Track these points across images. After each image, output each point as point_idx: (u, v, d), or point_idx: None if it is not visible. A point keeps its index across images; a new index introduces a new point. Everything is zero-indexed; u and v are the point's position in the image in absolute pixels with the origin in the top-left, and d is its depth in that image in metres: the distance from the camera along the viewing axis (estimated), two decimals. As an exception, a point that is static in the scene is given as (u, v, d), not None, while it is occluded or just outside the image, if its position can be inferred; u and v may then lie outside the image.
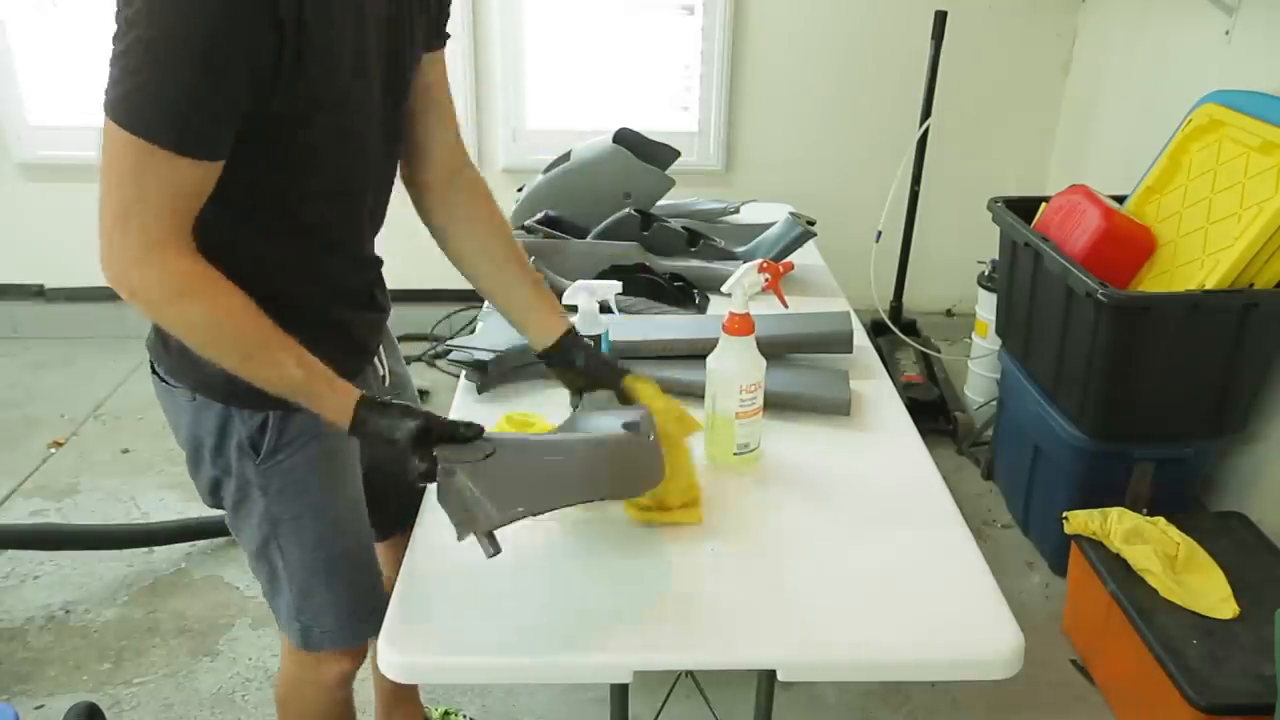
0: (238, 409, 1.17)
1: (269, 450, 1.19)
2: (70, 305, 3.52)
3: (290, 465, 1.20)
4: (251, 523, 1.24)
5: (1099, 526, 1.99)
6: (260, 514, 1.23)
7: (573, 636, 1.03)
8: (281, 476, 1.21)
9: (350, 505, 1.28)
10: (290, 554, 1.25)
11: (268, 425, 1.18)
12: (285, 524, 1.23)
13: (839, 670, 1.08)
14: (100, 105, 0.97)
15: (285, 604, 1.29)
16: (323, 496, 1.24)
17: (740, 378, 1.26)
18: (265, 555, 1.26)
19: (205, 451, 1.21)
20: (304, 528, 1.24)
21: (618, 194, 2.08)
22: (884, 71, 3.30)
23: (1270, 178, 1.99)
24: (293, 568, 1.26)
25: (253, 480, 1.21)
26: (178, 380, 1.20)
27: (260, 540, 1.25)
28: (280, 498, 1.21)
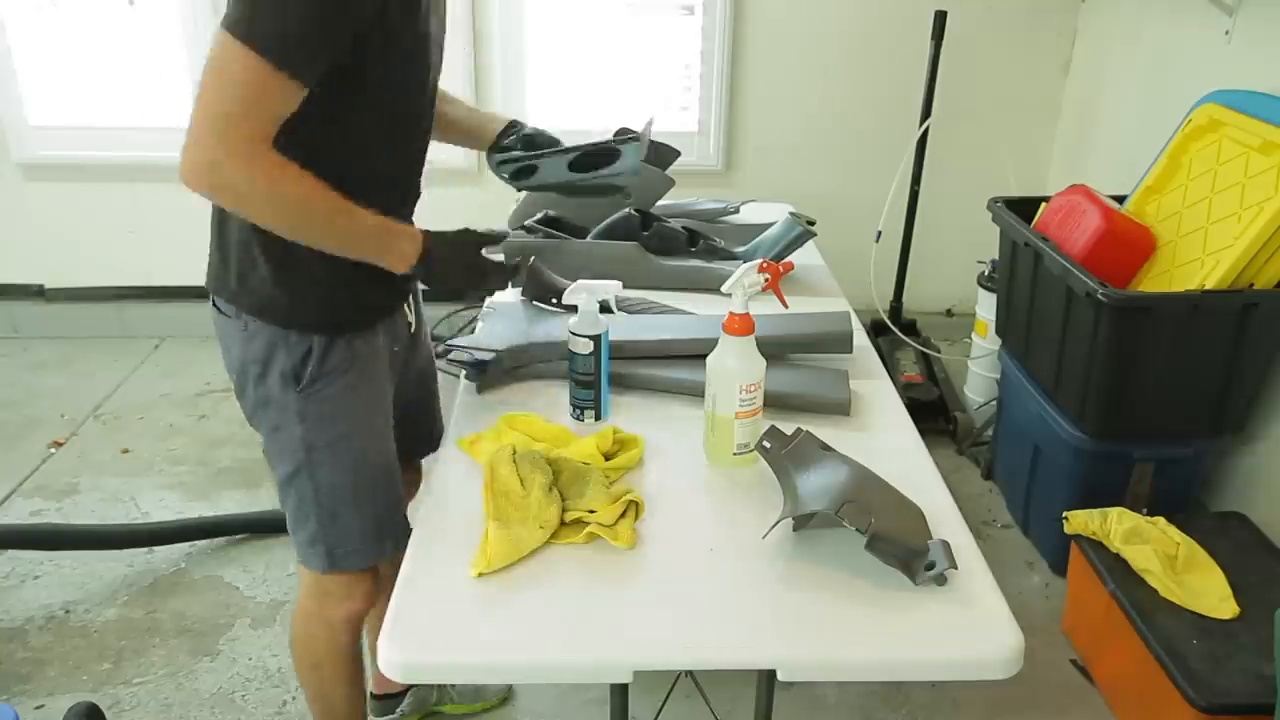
0: (284, 337, 1.28)
1: (310, 379, 1.30)
2: (70, 305, 3.52)
3: (329, 394, 1.31)
4: (288, 448, 1.34)
5: (1099, 526, 1.99)
6: (297, 440, 1.33)
7: (573, 636, 1.03)
8: (320, 404, 1.31)
9: (380, 431, 1.39)
10: (322, 479, 1.35)
11: (310, 355, 1.29)
12: (319, 450, 1.33)
13: (839, 670, 1.08)
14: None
15: (310, 529, 1.38)
16: (356, 424, 1.35)
17: (740, 377, 1.26)
18: (295, 481, 1.36)
19: (249, 379, 1.32)
20: (338, 453, 1.34)
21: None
22: (884, 71, 3.31)
23: (1270, 178, 1.99)
24: (323, 492, 1.35)
25: (292, 407, 1.31)
26: (234, 308, 1.30)
27: (294, 466, 1.35)
28: (319, 424, 1.32)
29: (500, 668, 1.05)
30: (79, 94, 3.25)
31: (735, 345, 1.27)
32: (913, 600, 1.07)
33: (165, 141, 3.22)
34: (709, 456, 1.34)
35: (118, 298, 3.51)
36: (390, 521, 1.42)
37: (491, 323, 1.66)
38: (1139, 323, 2.00)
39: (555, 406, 1.45)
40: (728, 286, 1.28)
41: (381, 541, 1.41)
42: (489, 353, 1.53)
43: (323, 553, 1.39)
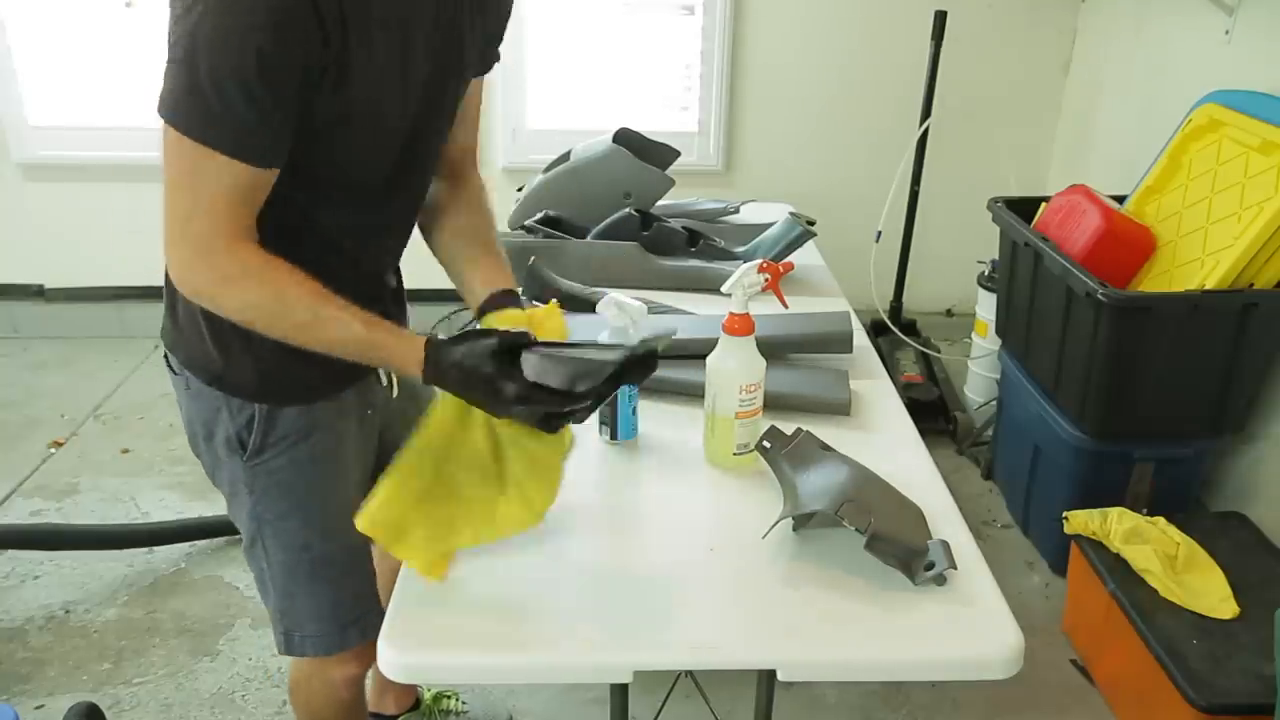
0: (226, 400, 1.18)
1: (254, 449, 1.19)
2: (70, 305, 3.52)
3: (276, 466, 1.21)
4: (241, 516, 1.26)
5: (1099, 526, 1.99)
6: (247, 511, 1.24)
7: (573, 637, 1.03)
8: (266, 476, 1.21)
9: (341, 509, 1.20)
10: (274, 555, 1.25)
11: (254, 422, 1.18)
12: (269, 524, 1.24)
13: (839, 670, 1.08)
14: (155, 109, 1.01)
15: (271, 604, 1.31)
16: (309, 500, 1.24)
17: (740, 378, 1.26)
18: (253, 551, 1.28)
19: (199, 439, 1.23)
20: (288, 530, 1.24)
21: (617, 194, 2.08)
22: (884, 71, 3.30)
23: (1270, 178, 1.99)
24: (275, 569, 1.26)
25: (240, 477, 1.22)
26: (179, 362, 1.22)
27: (249, 537, 1.27)
28: (265, 498, 1.22)
29: (500, 668, 1.05)
30: (79, 94, 3.25)
31: (735, 345, 1.26)
32: (913, 600, 1.07)
33: (165, 141, 3.26)
34: (709, 457, 1.34)
35: (118, 298, 3.51)
36: (352, 608, 1.30)
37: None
38: (1139, 323, 2.00)
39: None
40: (728, 287, 1.27)
41: (343, 630, 1.30)
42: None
43: (280, 635, 1.31)
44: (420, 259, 1.75)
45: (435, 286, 1.71)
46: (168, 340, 1.24)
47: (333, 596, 1.29)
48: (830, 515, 1.09)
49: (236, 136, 0.97)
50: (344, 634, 1.30)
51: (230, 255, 1.02)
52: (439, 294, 1.81)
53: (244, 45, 0.93)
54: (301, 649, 1.31)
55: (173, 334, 1.22)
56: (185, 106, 0.97)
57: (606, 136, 2.15)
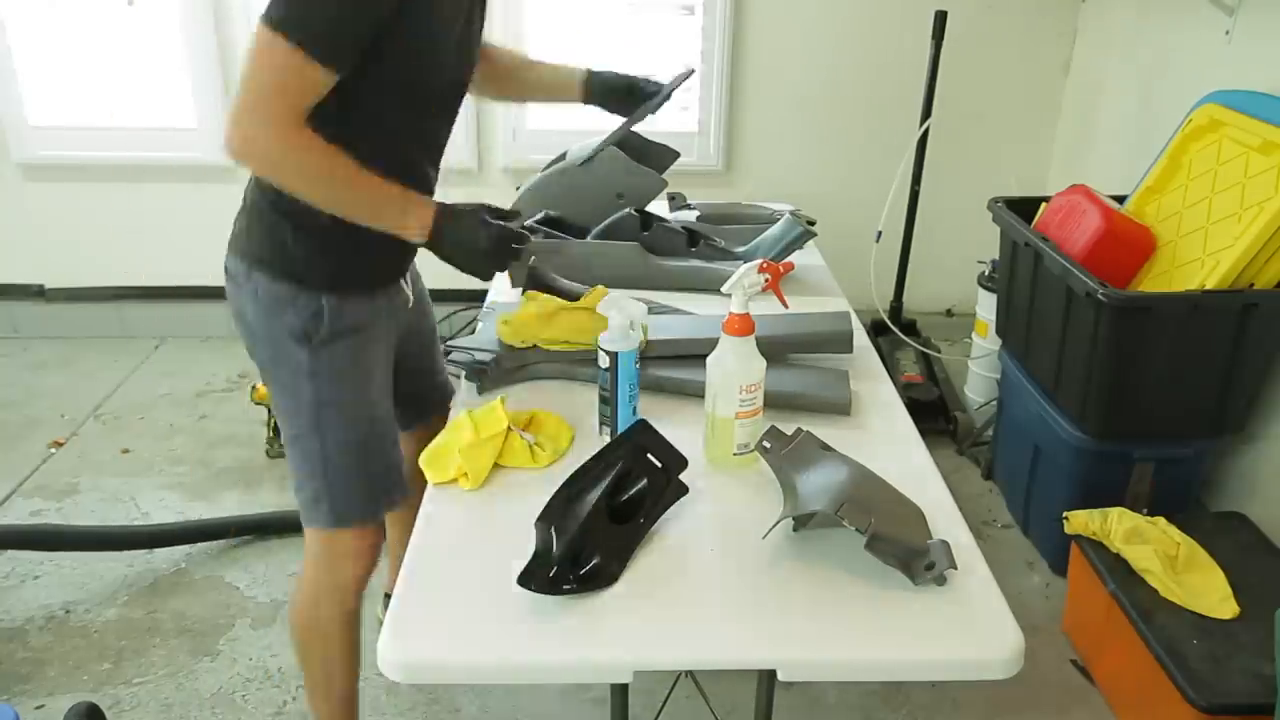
0: (293, 297, 1.35)
1: (324, 337, 1.37)
2: (70, 305, 3.52)
3: (338, 352, 1.38)
4: (298, 406, 1.40)
5: (1099, 526, 1.99)
6: (308, 398, 1.39)
7: (573, 636, 1.03)
8: (330, 362, 1.38)
9: (384, 392, 1.48)
10: (333, 436, 1.41)
11: (322, 313, 1.36)
12: (331, 406, 1.40)
13: (839, 670, 1.08)
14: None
15: (316, 486, 1.44)
16: (364, 383, 1.43)
17: (740, 378, 1.26)
18: (303, 439, 1.42)
19: (259, 337, 1.39)
20: (350, 408, 1.41)
21: (611, 194, 2.08)
22: (884, 71, 3.30)
23: (1270, 178, 1.99)
24: (332, 449, 1.42)
25: (304, 365, 1.37)
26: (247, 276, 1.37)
27: (304, 423, 1.41)
28: (330, 381, 1.39)
29: (500, 668, 1.05)
30: (79, 94, 3.25)
31: (735, 345, 1.26)
32: (913, 600, 1.07)
33: (165, 141, 3.28)
34: (709, 457, 1.34)
35: (118, 298, 3.51)
36: (390, 480, 1.49)
37: (491, 323, 1.66)
38: (1139, 323, 2.00)
39: (555, 407, 1.45)
40: (728, 287, 1.27)
41: (382, 499, 1.49)
42: (489, 353, 1.53)
43: (326, 510, 1.45)
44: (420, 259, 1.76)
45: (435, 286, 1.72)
46: (240, 247, 1.39)
47: (378, 469, 1.47)
48: (830, 515, 1.09)
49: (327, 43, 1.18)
50: (380, 502, 1.49)
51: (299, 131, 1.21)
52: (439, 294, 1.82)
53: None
54: (349, 520, 1.46)
55: (249, 239, 1.38)
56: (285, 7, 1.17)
57: (602, 137, 2.15)
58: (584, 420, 1.42)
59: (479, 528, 1.21)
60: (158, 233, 3.39)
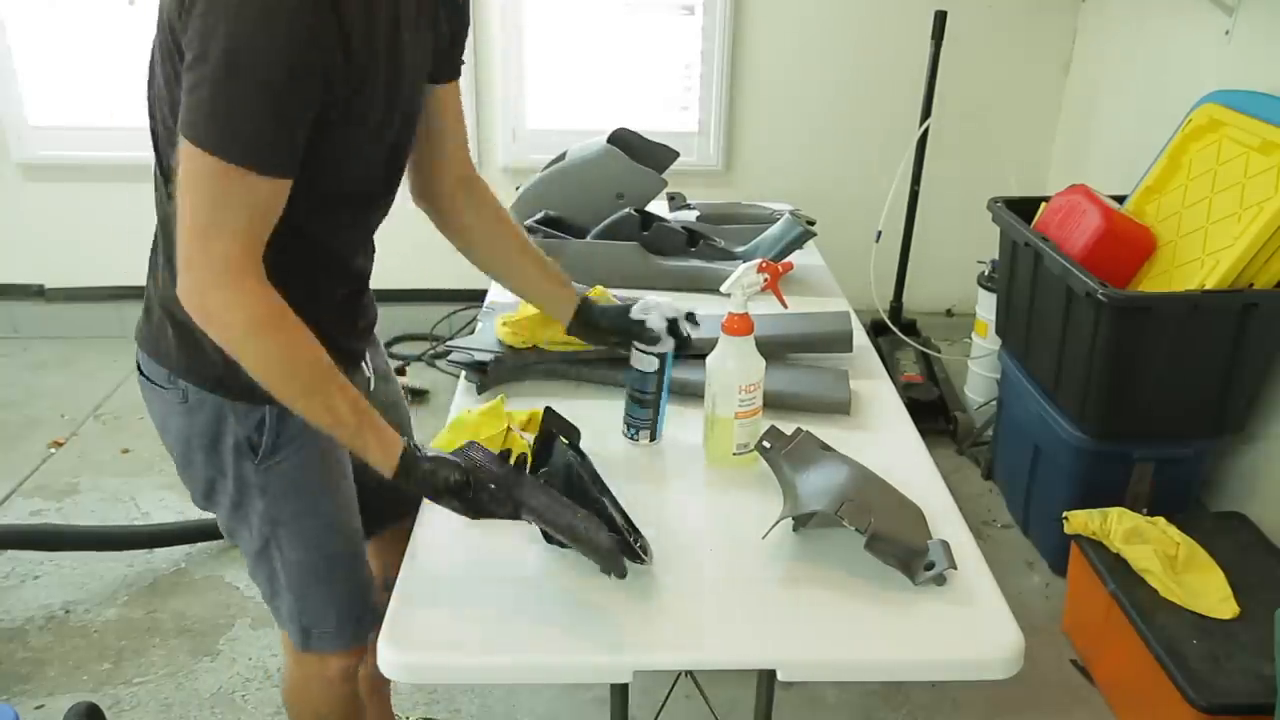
0: (233, 406, 1.17)
1: (267, 450, 1.19)
2: (70, 305, 3.52)
3: (289, 466, 1.21)
4: (250, 524, 1.25)
5: (1099, 526, 1.99)
6: (260, 515, 1.23)
7: (573, 636, 1.03)
8: (280, 477, 1.21)
9: (345, 505, 1.29)
10: (290, 555, 1.26)
11: (265, 424, 1.18)
12: (284, 525, 1.24)
13: (839, 670, 1.08)
14: (179, 126, 0.98)
15: (285, 605, 1.30)
16: (320, 497, 1.25)
17: (739, 378, 1.26)
18: (265, 557, 1.27)
19: (197, 452, 1.21)
20: (304, 528, 1.25)
21: (610, 194, 2.08)
22: (884, 71, 3.30)
23: (1270, 178, 1.99)
24: (291, 569, 1.27)
25: (251, 481, 1.21)
26: (169, 380, 1.19)
27: (260, 542, 1.26)
28: (280, 498, 1.22)
29: (500, 668, 1.05)
30: (79, 94, 3.25)
31: (734, 345, 1.26)
32: (913, 600, 1.07)
33: (165, 141, 3.26)
34: (709, 457, 1.34)
35: (118, 298, 3.50)
36: (361, 605, 1.33)
37: (491, 323, 1.66)
38: (1139, 323, 2.00)
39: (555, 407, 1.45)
40: (727, 286, 1.27)
41: (359, 623, 1.32)
42: (489, 353, 1.53)
43: (298, 632, 1.31)
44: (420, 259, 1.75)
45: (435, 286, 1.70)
46: (153, 347, 1.19)
47: (347, 590, 1.31)
48: (830, 515, 1.09)
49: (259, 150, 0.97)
50: (359, 625, 1.33)
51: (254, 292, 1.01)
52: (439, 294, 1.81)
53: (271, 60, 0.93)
54: (320, 644, 1.32)
55: (166, 343, 1.18)
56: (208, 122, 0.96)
57: (601, 137, 2.15)
58: (583, 421, 1.42)
59: (479, 528, 1.20)
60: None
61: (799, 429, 1.27)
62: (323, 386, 1.05)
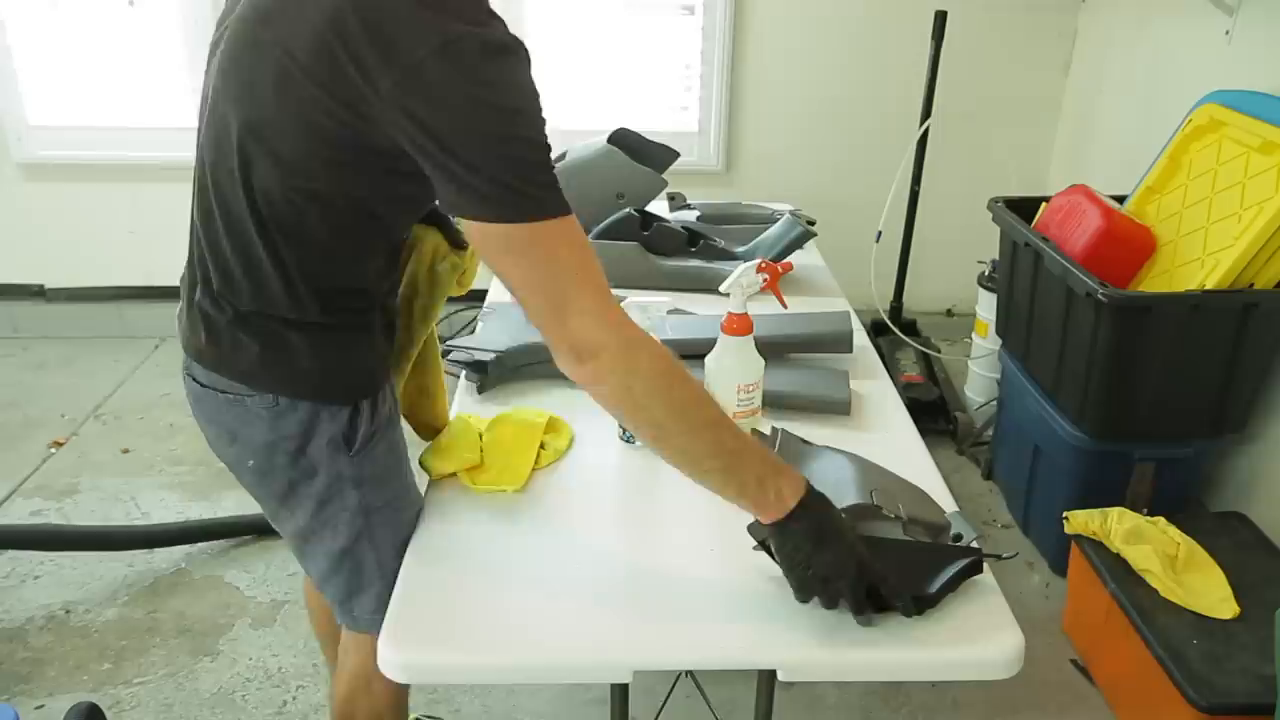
0: (325, 406, 1.18)
1: (363, 441, 1.21)
2: (70, 305, 3.52)
3: (380, 451, 1.24)
4: (338, 521, 1.24)
5: (1099, 526, 1.99)
6: (354, 508, 1.23)
7: (573, 636, 1.03)
8: (374, 463, 1.23)
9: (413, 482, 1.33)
10: (384, 541, 1.26)
11: (359, 416, 1.20)
12: (378, 512, 1.25)
13: (839, 670, 1.08)
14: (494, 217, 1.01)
15: (371, 598, 1.28)
16: (406, 478, 1.30)
17: (738, 377, 1.26)
18: (351, 554, 1.26)
19: (280, 456, 1.20)
20: (396, 512, 1.27)
21: (610, 194, 2.08)
22: (884, 71, 3.30)
23: (1270, 178, 1.99)
24: (384, 556, 1.26)
25: (346, 474, 1.21)
26: (249, 392, 1.17)
27: (351, 536, 1.25)
28: (374, 486, 1.24)
29: (500, 668, 1.05)
30: (79, 94, 3.25)
31: (733, 345, 1.27)
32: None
33: (165, 141, 3.27)
34: None
35: (118, 298, 3.51)
36: None
37: (492, 323, 1.66)
38: (1139, 323, 2.00)
39: (555, 407, 1.45)
40: (726, 286, 1.27)
41: None
42: (489, 353, 1.53)
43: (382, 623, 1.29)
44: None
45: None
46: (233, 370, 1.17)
47: None
48: (869, 506, 1.08)
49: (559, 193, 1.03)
50: None
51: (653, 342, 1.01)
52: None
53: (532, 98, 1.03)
54: None
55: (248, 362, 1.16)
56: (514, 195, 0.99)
57: (602, 137, 2.15)
58: (581, 422, 1.42)
59: (479, 528, 1.21)
60: (158, 233, 3.38)
61: (774, 428, 1.27)
62: (724, 417, 1.04)
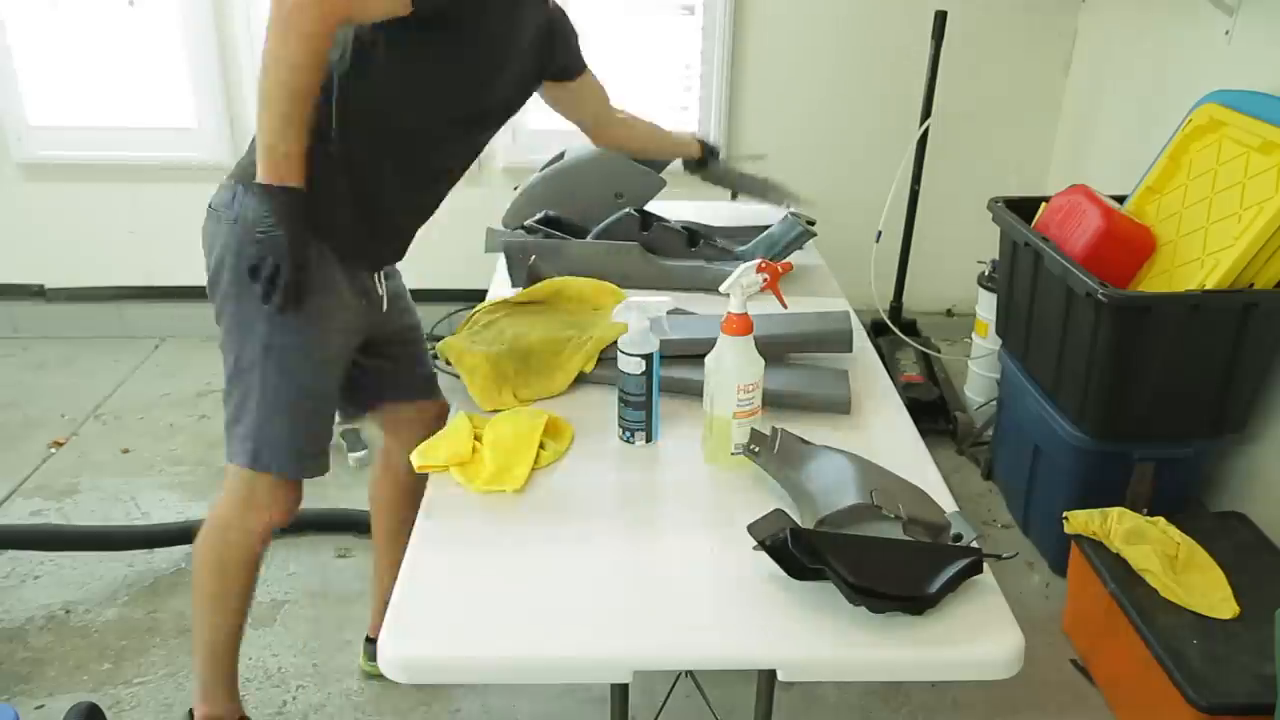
0: None
1: None
2: (70, 305, 3.52)
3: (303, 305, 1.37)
4: (246, 343, 1.42)
5: (1099, 526, 1.99)
6: (258, 336, 1.41)
7: (573, 636, 1.03)
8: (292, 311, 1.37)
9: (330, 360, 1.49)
10: (270, 379, 1.43)
11: None
12: (275, 351, 1.41)
13: (839, 670, 1.08)
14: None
15: (246, 425, 1.46)
16: (316, 340, 1.44)
17: (738, 378, 1.26)
18: (244, 376, 1.44)
19: (226, 268, 1.40)
20: (292, 359, 1.43)
21: (609, 194, 2.08)
22: (884, 71, 3.30)
23: (1270, 178, 1.99)
24: (268, 392, 1.43)
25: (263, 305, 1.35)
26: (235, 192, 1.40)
27: (247, 361, 1.43)
28: (281, 327, 1.39)
29: (500, 667, 1.05)
30: (79, 94, 3.25)
31: (733, 345, 1.26)
32: (913, 600, 1.07)
33: (165, 141, 3.27)
34: (707, 456, 1.33)
35: (118, 298, 3.51)
36: (315, 447, 1.51)
37: (491, 323, 1.66)
38: (1139, 323, 2.00)
39: (554, 407, 1.45)
40: (725, 287, 1.27)
41: (302, 460, 1.50)
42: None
43: (249, 451, 1.47)
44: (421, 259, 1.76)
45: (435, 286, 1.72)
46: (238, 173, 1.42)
47: (305, 427, 1.49)
48: (868, 506, 1.08)
49: None
50: (302, 463, 1.50)
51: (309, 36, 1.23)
52: (439, 294, 1.82)
53: None
54: (267, 465, 1.48)
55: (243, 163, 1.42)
56: None
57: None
58: (581, 421, 1.42)
59: (479, 527, 1.21)
60: (158, 233, 3.39)
61: (774, 428, 1.27)
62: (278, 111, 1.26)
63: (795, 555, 1.03)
